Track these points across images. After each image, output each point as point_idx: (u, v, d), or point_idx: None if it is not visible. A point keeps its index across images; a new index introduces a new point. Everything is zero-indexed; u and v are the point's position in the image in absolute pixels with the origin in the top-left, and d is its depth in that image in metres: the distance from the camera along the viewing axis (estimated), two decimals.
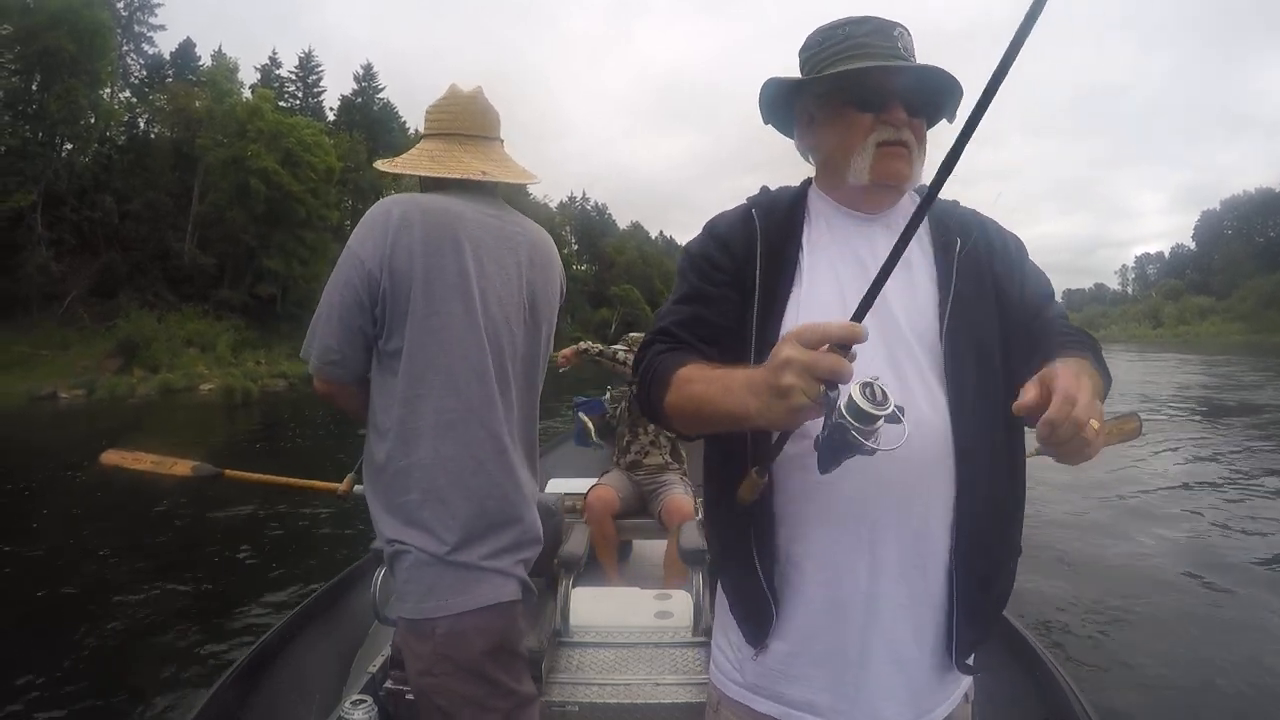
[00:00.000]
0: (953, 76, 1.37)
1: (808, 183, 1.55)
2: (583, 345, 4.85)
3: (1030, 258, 1.51)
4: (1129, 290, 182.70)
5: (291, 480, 3.78)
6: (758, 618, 1.41)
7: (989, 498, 1.34)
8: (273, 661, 2.98)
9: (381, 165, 2.19)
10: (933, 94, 1.41)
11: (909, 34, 1.40)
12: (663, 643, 3.43)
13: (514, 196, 2.20)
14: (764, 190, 1.57)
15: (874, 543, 1.31)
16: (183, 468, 3.66)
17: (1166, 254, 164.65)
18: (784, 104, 1.53)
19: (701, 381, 1.25)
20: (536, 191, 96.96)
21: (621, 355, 4.80)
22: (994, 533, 1.36)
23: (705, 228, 1.55)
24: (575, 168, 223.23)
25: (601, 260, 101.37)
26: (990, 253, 1.44)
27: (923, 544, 1.32)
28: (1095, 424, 1.05)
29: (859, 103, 1.39)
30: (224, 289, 47.99)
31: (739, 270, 1.44)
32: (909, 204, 1.47)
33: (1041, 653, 2.92)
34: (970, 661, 1.43)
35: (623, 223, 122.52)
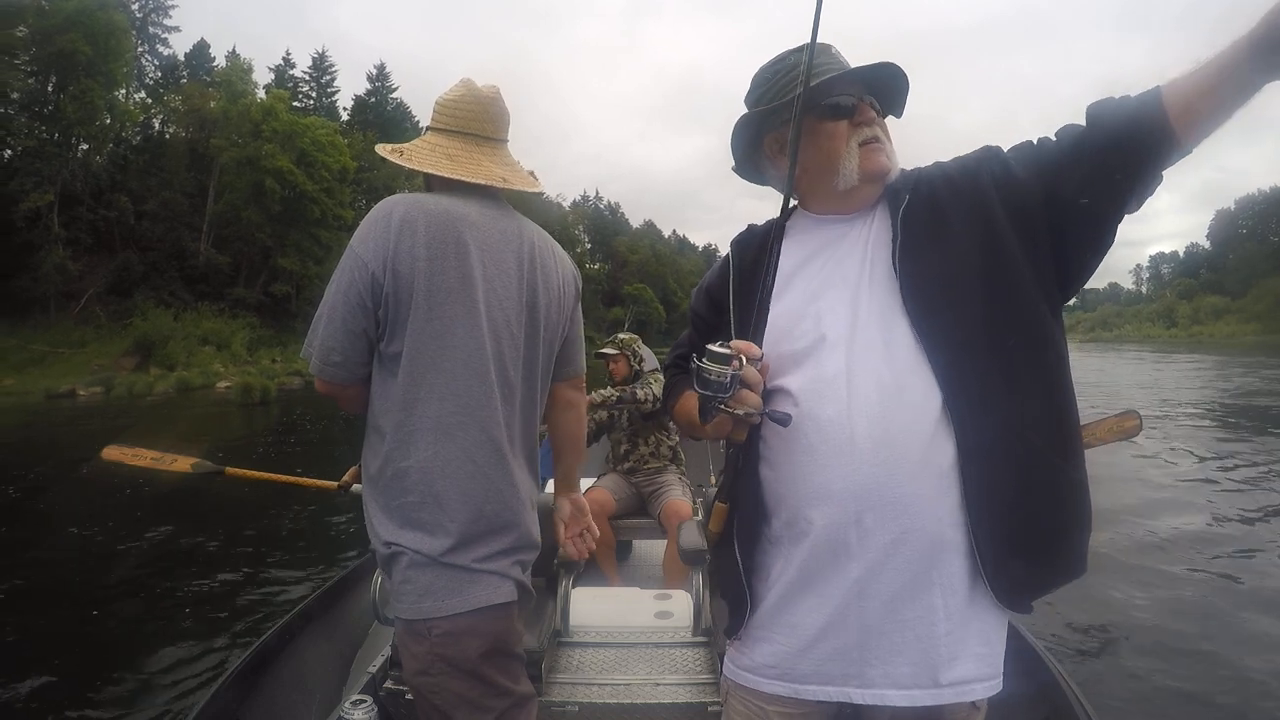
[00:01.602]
0: (902, 69, 1.50)
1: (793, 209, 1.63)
2: (596, 399, 4.75)
3: (1007, 147, 1.50)
4: (1143, 290, 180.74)
5: (291, 478, 3.81)
6: (737, 603, 1.52)
7: (1002, 431, 1.33)
8: (273, 661, 2.98)
9: (386, 152, 2.15)
10: (887, 90, 1.54)
11: (836, 50, 1.54)
12: (663, 643, 3.44)
13: (526, 197, 2.19)
14: (749, 228, 1.70)
15: (860, 513, 1.34)
16: (183, 464, 3.66)
17: (1181, 253, 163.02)
18: (754, 142, 1.64)
19: (689, 400, 1.56)
20: (549, 190, 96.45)
21: (641, 394, 4.74)
22: (1017, 469, 1.33)
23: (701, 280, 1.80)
24: (588, 168, 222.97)
25: (614, 259, 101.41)
26: (948, 180, 1.47)
27: (915, 504, 1.32)
28: None
29: (833, 112, 1.49)
30: (239, 287, 48.24)
31: (721, 310, 1.64)
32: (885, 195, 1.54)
33: (1041, 653, 2.94)
34: (1030, 603, 1.41)
35: (635, 222, 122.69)
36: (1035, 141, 1.45)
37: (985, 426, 1.32)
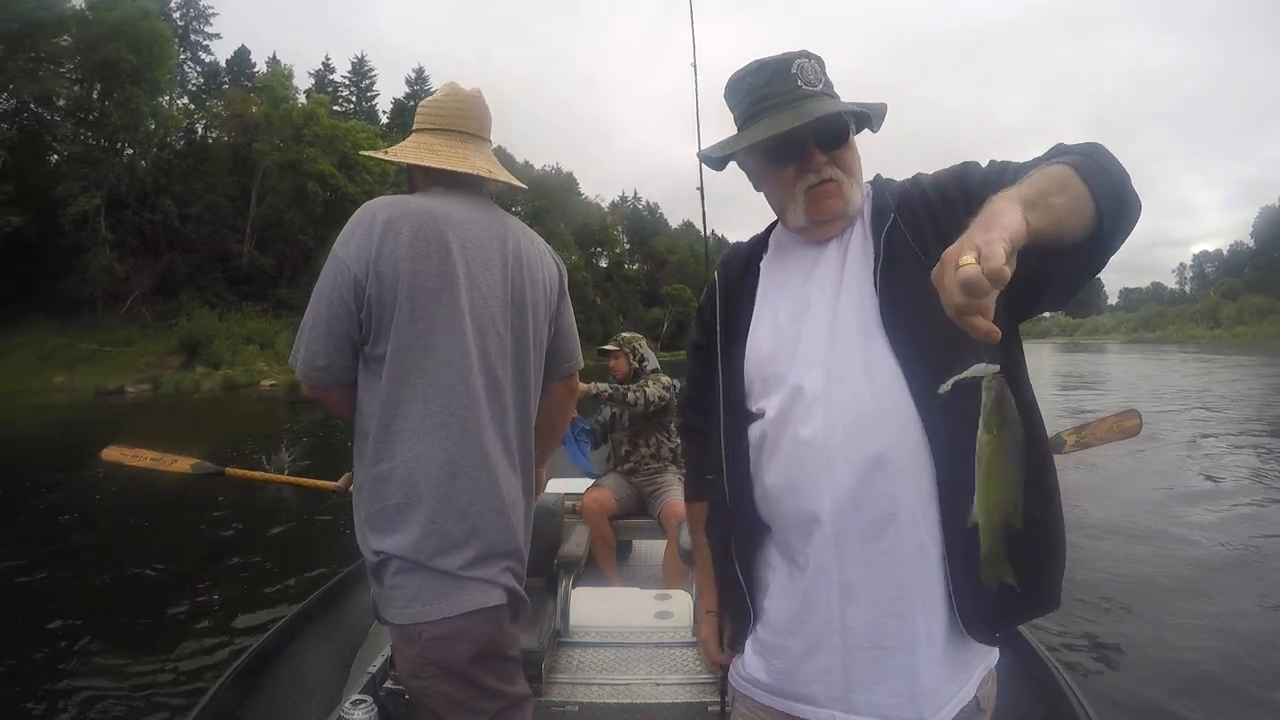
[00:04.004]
0: (844, 111, 1.40)
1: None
2: (593, 390, 4.76)
3: (983, 166, 1.41)
4: (1187, 289, 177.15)
5: (291, 479, 3.83)
6: (739, 617, 1.53)
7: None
8: (273, 661, 2.96)
9: (372, 154, 2.19)
10: (841, 121, 1.43)
11: (810, 60, 1.43)
12: (663, 643, 3.43)
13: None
14: (734, 248, 1.69)
15: (838, 534, 1.32)
16: (183, 465, 3.66)
17: (1225, 251, 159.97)
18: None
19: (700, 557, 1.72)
20: (588, 191, 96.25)
21: (632, 397, 4.76)
22: None
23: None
24: (627, 168, 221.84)
25: (653, 259, 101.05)
26: (926, 203, 1.40)
27: (892, 526, 1.29)
28: (965, 259, 0.93)
29: (778, 159, 1.45)
30: (282, 288, 48.89)
31: (710, 331, 1.60)
32: (864, 209, 1.48)
33: (1041, 653, 2.90)
34: (996, 635, 1.38)
35: (674, 222, 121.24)
36: (1007, 169, 1.35)
37: (961, 452, 1.24)
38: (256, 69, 61.43)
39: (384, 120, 69.67)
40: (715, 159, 1.55)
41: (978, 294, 0.92)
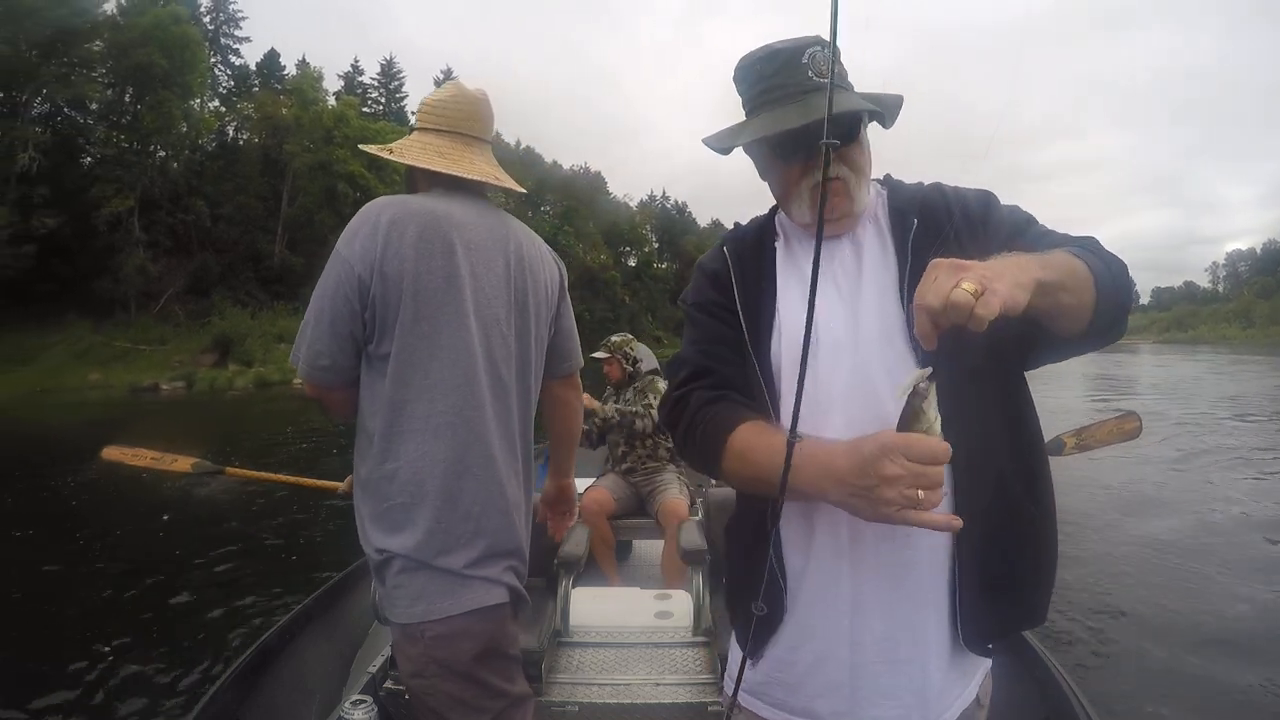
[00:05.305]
0: (858, 106, 1.34)
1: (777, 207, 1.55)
2: (599, 411, 4.81)
3: (1002, 204, 1.42)
4: (1220, 288, 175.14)
5: (292, 478, 3.88)
6: (764, 625, 1.40)
7: (987, 471, 1.29)
8: (273, 661, 2.96)
9: (374, 151, 2.19)
10: (853, 117, 1.37)
11: (824, 49, 1.35)
12: (663, 643, 3.46)
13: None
14: (735, 226, 1.62)
15: (853, 543, 1.29)
16: (183, 464, 3.69)
17: (1259, 250, 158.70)
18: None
19: (765, 452, 1.26)
20: (617, 190, 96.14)
21: (639, 425, 4.76)
22: (998, 508, 1.29)
23: (694, 271, 1.61)
24: (655, 166, 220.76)
25: (682, 258, 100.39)
26: (949, 215, 1.38)
27: (906, 535, 1.25)
28: (968, 285, 0.97)
29: (785, 155, 1.39)
30: (313, 287, 49.11)
31: (729, 298, 1.47)
32: (877, 208, 1.46)
33: (1041, 653, 2.88)
34: (989, 646, 1.38)
35: (703, 220, 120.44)
36: (1033, 228, 1.38)
37: (978, 466, 1.27)
38: (286, 71, 61.99)
39: (413, 121, 69.91)
40: (719, 148, 1.47)
41: (952, 317, 0.97)
